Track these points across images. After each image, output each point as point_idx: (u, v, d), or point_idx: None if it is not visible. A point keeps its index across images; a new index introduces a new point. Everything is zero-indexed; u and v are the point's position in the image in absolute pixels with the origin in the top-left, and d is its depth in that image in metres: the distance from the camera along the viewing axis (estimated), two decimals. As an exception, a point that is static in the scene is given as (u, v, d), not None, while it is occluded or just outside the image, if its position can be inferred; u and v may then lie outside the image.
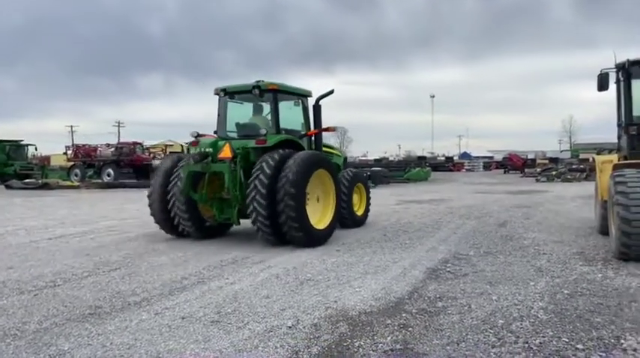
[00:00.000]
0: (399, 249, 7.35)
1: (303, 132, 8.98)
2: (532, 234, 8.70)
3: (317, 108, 9.06)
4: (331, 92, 9.15)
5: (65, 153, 33.52)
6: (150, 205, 8.57)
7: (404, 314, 4.29)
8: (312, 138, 9.03)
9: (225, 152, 8.00)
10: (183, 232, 8.43)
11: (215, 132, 8.78)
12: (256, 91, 8.36)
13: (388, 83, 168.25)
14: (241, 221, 8.18)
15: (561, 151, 68.77)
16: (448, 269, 5.96)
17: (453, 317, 4.21)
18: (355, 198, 10.18)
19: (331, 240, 8.29)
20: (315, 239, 7.69)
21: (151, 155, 35.47)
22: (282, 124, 8.56)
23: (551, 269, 5.91)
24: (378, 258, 6.66)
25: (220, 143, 8.27)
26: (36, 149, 35.41)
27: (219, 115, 8.77)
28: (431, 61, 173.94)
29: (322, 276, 5.67)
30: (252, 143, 8.04)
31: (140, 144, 33.69)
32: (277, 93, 8.48)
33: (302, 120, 9.10)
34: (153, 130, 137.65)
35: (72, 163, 32.41)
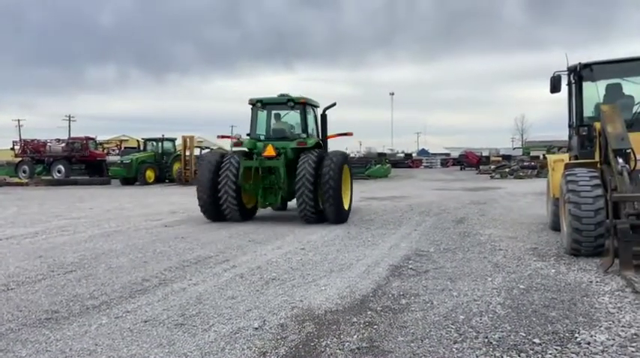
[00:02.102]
0: (363, 247, 7.43)
1: (322, 136, 11.53)
2: (488, 230, 8.97)
3: (324, 117, 11.61)
4: (334, 104, 11.59)
5: (12, 149, 31.92)
6: (200, 197, 10.25)
7: (369, 312, 4.36)
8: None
9: (269, 151, 10.18)
10: (227, 217, 10.25)
11: (248, 135, 10.99)
12: (291, 104, 10.89)
13: (348, 80, 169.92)
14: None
15: (514, 149, 71.26)
16: (410, 266, 6.08)
17: (417, 313, 4.31)
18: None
19: (294, 238, 8.32)
20: (344, 217, 10.23)
21: (105, 151, 34.40)
22: (297, 129, 11.10)
23: (507, 265, 6.12)
24: (343, 256, 6.73)
25: (259, 144, 10.52)
26: (-21, 144, 33.67)
27: (252, 120, 11.04)
28: (389, 59, 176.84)
29: (288, 275, 5.68)
30: (292, 144, 10.44)
31: (93, 139, 32.51)
32: (305, 105, 10.99)
33: (314, 126, 11.46)
34: (106, 124, 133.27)
35: (20, 159, 31.01)
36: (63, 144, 30.92)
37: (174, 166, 27.90)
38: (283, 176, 10.16)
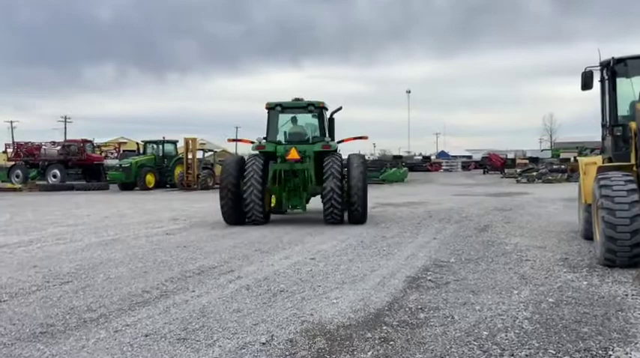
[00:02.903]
0: (377, 257, 7.43)
1: (340, 139, 12.69)
2: (514, 239, 8.93)
3: (331, 120, 12.67)
4: (340, 109, 12.77)
5: (5, 152, 32.57)
6: (223, 199, 10.96)
7: (384, 327, 4.36)
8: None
9: (293, 154, 11.11)
10: (250, 220, 10.96)
11: (265, 138, 11.85)
12: (312, 108, 12.02)
13: (360, 77, 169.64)
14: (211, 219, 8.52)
15: (542, 151, 70.78)
16: (429, 278, 6.06)
17: (436, 329, 4.30)
18: None
19: (303, 247, 8.34)
20: (366, 218, 11.34)
21: (103, 154, 34.77)
22: (313, 132, 12.22)
23: (534, 276, 6.08)
24: (356, 267, 6.73)
25: (280, 147, 11.47)
26: (-29, 147, 34.26)
27: (270, 124, 11.96)
28: (405, 54, 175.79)
29: (297, 287, 5.70)
30: (315, 147, 11.54)
31: (90, 141, 32.97)
32: (322, 109, 12.13)
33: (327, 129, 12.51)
34: (104, 126, 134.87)
35: (12, 163, 31.44)
36: (58, 147, 31.25)
37: (175, 170, 28.09)
38: (314, 179, 11.24)
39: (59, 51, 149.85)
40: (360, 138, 12.80)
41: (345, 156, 11.95)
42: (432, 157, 72.01)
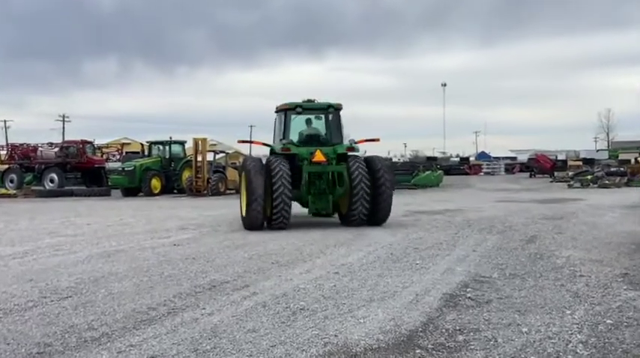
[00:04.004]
0: (410, 271, 7.41)
1: (356, 141, 13.59)
2: (566, 251, 8.82)
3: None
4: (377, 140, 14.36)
5: (-2, 154, 33.17)
6: (252, 205, 11.56)
7: (418, 350, 4.34)
8: None
9: (319, 156, 12.12)
10: (277, 225, 11.79)
11: (281, 139, 12.89)
12: (331, 109, 13.12)
13: (389, 70, 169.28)
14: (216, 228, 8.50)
15: (597, 151, 69.62)
16: (468, 295, 6.03)
17: (477, 353, 4.27)
18: None
19: (325, 259, 8.36)
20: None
21: (104, 156, 35.31)
22: (328, 134, 13.30)
23: (590, 294, 6.00)
24: (385, 282, 6.71)
25: (302, 149, 12.43)
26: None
27: (285, 125, 12.92)
28: (440, 43, 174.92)
29: (319, 305, 5.70)
30: (339, 149, 12.56)
31: (90, 142, 33.52)
32: (339, 111, 13.27)
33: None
34: (105, 125, 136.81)
35: (6, 166, 32.13)
36: (56, 149, 31.87)
37: (183, 174, 28.36)
38: (346, 181, 12.10)
39: (57, 43, 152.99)
40: (372, 140, 13.79)
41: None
42: (471, 159, 71.53)
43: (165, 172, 28.85)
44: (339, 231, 11.66)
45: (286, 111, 13.03)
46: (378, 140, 14.13)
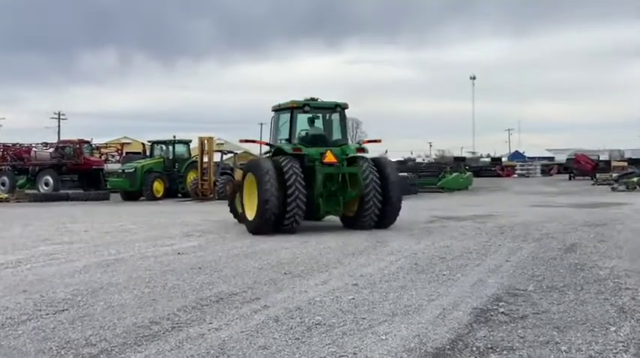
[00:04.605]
0: (436, 283, 7.40)
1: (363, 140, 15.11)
2: (610, 261, 8.75)
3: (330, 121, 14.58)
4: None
5: (-12, 156, 33.54)
6: (268, 208, 12.06)
7: (446, 371, 4.32)
8: None
9: (330, 157, 12.74)
10: (289, 227, 12.44)
11: (287, 140, 13.48)
12: (338, 109, 13.83)
13: (412, 61, 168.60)
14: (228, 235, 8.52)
15: (644, 150, 68.82)
16: (501, 310, 6.00)
17: (511, 374, 4.24)
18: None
19: (343, 269, 8.36)
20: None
21: (103, 157, 35.57)
22: (331, 133, 14.04)
23: (637, 309, 5.95)
24: (409, 295, 6.70)
25: (312, 150, 12.96)
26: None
27: (292, 124, 13.49)
28: (468, 32, 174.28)
29: (336, 319, 5.71)
30: (348, 149, 13.23)
31: (88, 142, 33.75)
32: (344, 110, 13.98)
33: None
34: (104, 124, 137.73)
35: (-2, 169, 32.52)
36: (51, 150, 32.20)
37: (188, 176, 28.54)
38: (361, 183, 12.75)
39: (51, 33, 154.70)
40: (374, 141, 15.08)
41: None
42: (504, 159, 71.24)
43: (168, 174, 29.05)
44: (357, 239, 11.66)
45: (293, 109, 13.51)
46: (379, 141, 15.54)
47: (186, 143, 30.81)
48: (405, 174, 30.52)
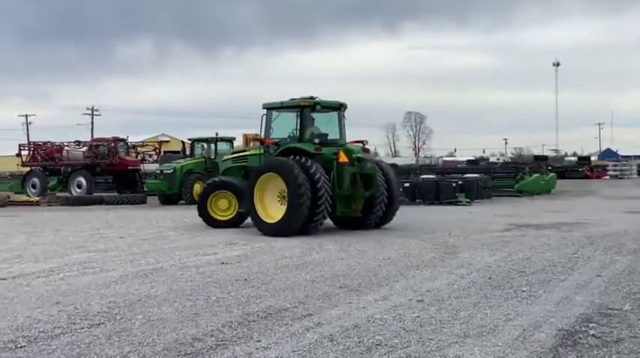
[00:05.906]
0: (514, 300, 7.31)
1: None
2: None
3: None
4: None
5: (19, 155, 34.43)
6: (301, 207, 13.52)
7: (526, 401, 4.25)
8: None
9: (343, 157, 14.17)
10: (317, 226, 14.15)
11: (298, 139, 14.88)
12: (343, 108, 15.73)
13: (484, 46, 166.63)
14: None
15: None
16: (591, 332, 5.89)
17: (604, 406, 4.14)
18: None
19: (406, 283, 8.33)
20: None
21: (139, 156, 36.18)
22: (330, 133, 15.63)
23: None
24: (483, 314, 6.64)
25: (326, 149, 14.39)
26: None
27: (302, 124, 14.95)
28: (549, 11, 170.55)
29: (399, 340, 5.70)
30: (355, 150, 14.72)
31: (123, 140, 34.15)
32: (345, 110, 15.87)
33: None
34: (140, 120, 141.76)
35: (28, 169, 33.50)
36: (84, 149, 32.90)
37: (232, 177, 28.78)
38: (379, 184, 14.55)
39: (83, 23, 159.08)
40: (360, 142, 16.11)
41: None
42: (593, 158, 69.45)
43: (210, 175, 29.38)
44: (420, 249, 11.64)
45: (303, 108, 14.99)
46: (365, 142, 16.31)
47: (230, 141, 31.08)
48: (477, 175, 30.17)
